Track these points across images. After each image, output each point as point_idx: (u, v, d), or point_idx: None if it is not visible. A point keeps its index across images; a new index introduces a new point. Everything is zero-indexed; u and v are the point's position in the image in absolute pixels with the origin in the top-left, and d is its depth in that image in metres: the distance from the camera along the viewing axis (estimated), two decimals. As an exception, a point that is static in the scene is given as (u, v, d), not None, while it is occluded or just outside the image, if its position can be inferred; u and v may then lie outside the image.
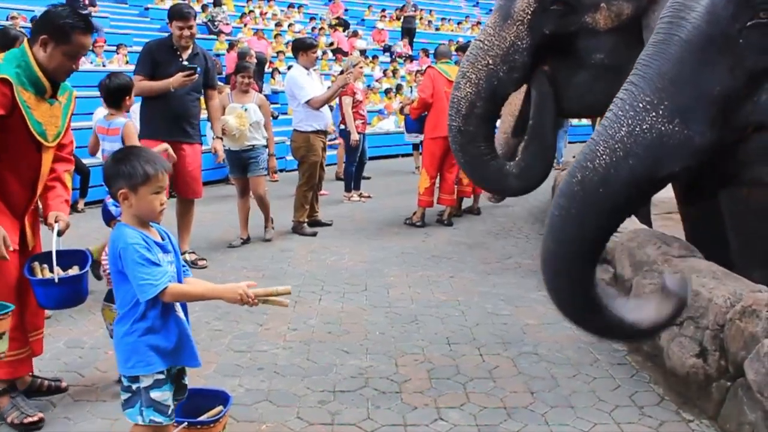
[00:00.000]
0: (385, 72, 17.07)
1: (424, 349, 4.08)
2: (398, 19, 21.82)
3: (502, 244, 6.86)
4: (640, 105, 1.95)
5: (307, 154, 7.07)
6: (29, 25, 12.61)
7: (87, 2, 14.14)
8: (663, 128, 1.92)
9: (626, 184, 1.94)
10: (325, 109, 7.36)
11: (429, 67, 8.34)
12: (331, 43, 18.28)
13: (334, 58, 16.96)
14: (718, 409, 3.11)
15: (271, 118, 7.16)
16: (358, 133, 8.75)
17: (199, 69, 5.58)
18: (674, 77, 1.94)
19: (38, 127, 3.12)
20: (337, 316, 4.64)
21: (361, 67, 8.77)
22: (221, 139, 6.12)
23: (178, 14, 5.65)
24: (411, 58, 18.53)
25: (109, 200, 3.53)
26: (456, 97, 3.03)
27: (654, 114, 1.93)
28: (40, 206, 3.46)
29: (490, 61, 2.98)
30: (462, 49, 9.35)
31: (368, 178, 10.38)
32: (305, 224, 7.12)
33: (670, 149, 1.92)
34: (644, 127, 1.93)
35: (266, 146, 6.65)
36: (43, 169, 3.27)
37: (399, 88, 15.75)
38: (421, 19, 22.07)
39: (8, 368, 3.14)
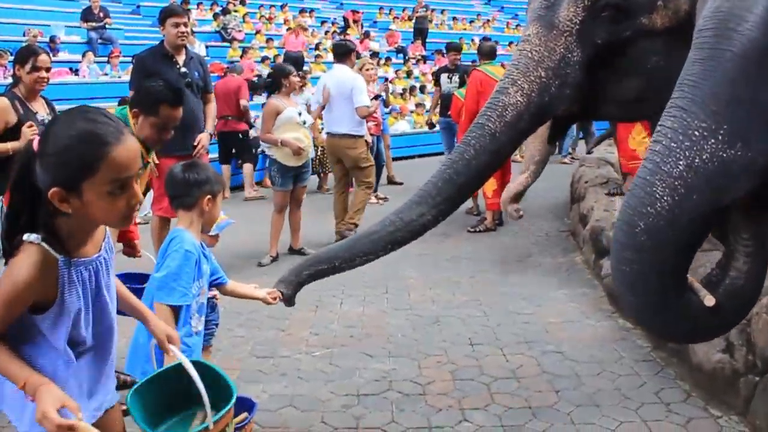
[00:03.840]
0: (396, 72, 17.04)
1: (446, 351, 4.07)
2: (410, 19, 21.82)
3: (521, 242, 6.82)
4: (696, 133, 1.75)
5: (368, 157, 7.04)
6: (47, 40, 12.79)
7: (102, 15, 14.23)
8: (725, 155, 1.72)
9: (694, 220, 1.77)
10: None
11: (474, 69, 7.62)
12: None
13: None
14: (747, 404, 3.07)
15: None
16: (371, 134, 8.75)
17: (196, 74, 5.50)
18: (731, 98, 1.74)
19: None
20: (358, 320, 4.64)
21: (367, 69, 8.81)
22: (212, 135, 5.87)
23: (171, 11, 5.48)
24: (425, 59, 18.50)
25: None
26: (501, 101, 2.65)
27: (713, 141, 1.73)
28: None
29: (543, 74, 2.65)
30: (454, 48, 9.30)
31: (400, 183, 10.28)
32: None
33: (735, 175, 1.73)
34: (704, 157, 1.73)
35: None
36: None
37: (413, 89, 15.74)
38: (431, 21, 22.02)
39: None
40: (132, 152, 1.56)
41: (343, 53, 7.02)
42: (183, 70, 5.39)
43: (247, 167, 9.95)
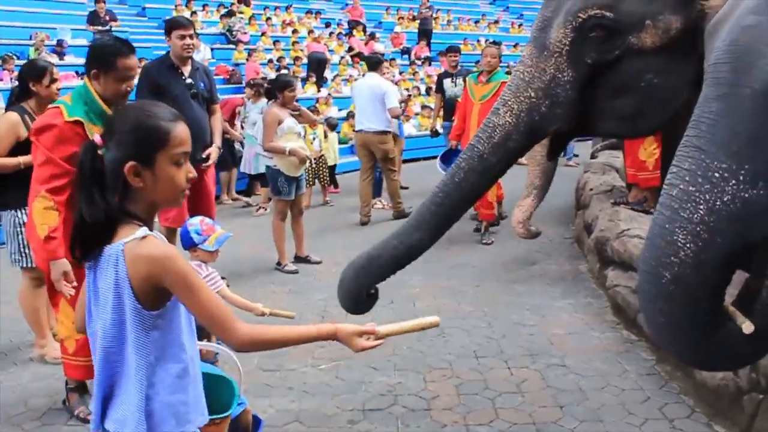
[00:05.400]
0: (400, 74, 17.06)
1: (451, 364, 4.10)
2: (414, 20, 21.81)
3: (525, 249, 6.82)
4: (717, 175, 1.70)
5: (393, 149, 8.35)
6: (53, 44, 12.84)
7: (108, 18, 14.28)
8: (747, 195, 1.67)
9: (721, 262, 1.73)
10: None
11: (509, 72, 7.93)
12: (350, 48, 18.34)
13: (351, 62, 17.02)
14: (751, 422, 3.09)
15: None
16: None
17: (202, 85, 5.53)
18: (752, 136, 1.67)
19: None
20: (363, 331, 4.66)
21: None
22: (220, 149, 6.00)
23: (177, 24, 5.50)
24: (429, 60, 18.51)
25: (191, 227, 3.59)
26: (492, 123, 2.76)
27: (734, 182, 1.68)
28: None
29: (532, 94, 2.73)
30: (453, 50, 9.32)
31: (406, 188, 10.24)
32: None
33: (759, 215, 1.69)
34: (725, 199, 1.68)
35: None
36: None
37: (417, 90, 15.73)
38: (437, 19, 22.00)
39: (81, 371, 3.50)
40: (186, 130, 1.80)
41: (375, 63, 8.46)
42: (189, 81, 5.42)
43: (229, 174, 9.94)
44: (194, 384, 1.81)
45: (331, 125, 10.11)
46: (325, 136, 10.00)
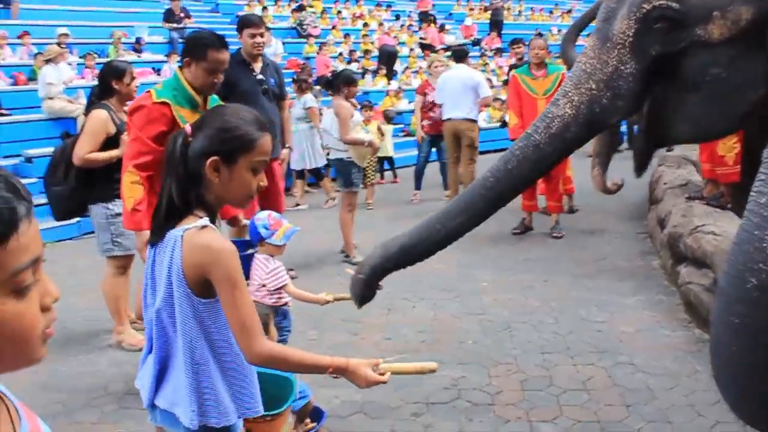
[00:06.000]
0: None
1: (517, 359, 4.08)
2: (486, 11, 21.62)
3: (596, 243, 6.72)
4: None
5: (478, 137, 8.62)
6: (131, 41, 13.29)
7: (183, 15, 14.69)
8: None
9: None
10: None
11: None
12: (423, 38, 18.33)
13: (422, 54, 17.00)
14: (828, 427, 2.97)
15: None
16: (425, 133, 9.15)
17: (272, 81, 5.64)
18: None
19: None
20: (430, 325, 4.70)
21: (436, 66, 9.28)
22: (291, 149, 6.18)
23: (248, 22, 5.63)
24: (500, 51, 18.31)
25: (259, 221, 3.70)
26: (551, 113, 2.70)
27: None
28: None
29: (594, 86, 2.66)
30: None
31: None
32: None
33: None
34: None
35: None
36: None
37: (490, 82, 15.58)
38: (508, 9, 21.75)
39: None
40: (270, 142, 1.88)
41: (462, 55, 8.83)
42: (259, 77, 5.57)
43: None
44: (242, 377, 1.87)
45: (388, 118, 10.14)
46: (380, 132, 9.75)
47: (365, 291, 2.77)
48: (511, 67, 9.60)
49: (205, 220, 1.78)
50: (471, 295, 5.28)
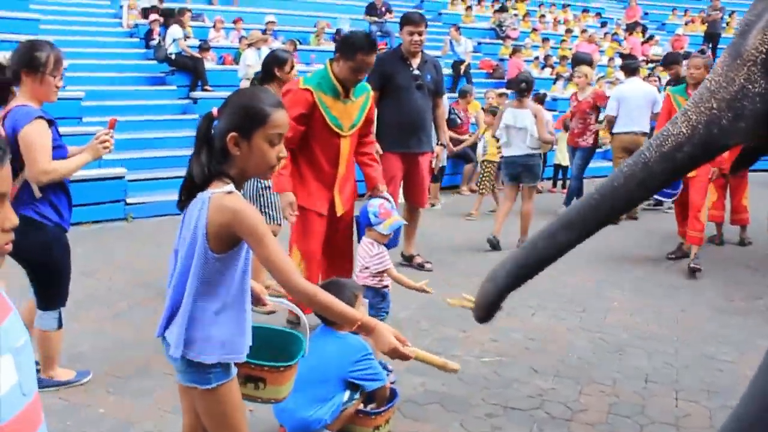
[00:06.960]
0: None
1: (615, 382, 3.94)
2: (703, 23, 20.26)
3: (758, 281, 6.19)
4: None
5: None
6: (333, 31, 14.04)
7: (384, 9, 15.28)
8: None
9: None
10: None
11: None
12: (623, 48, 17.62)
13: (619, 65, 16.33)
14: None
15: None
16: (574, 147, 9.15)
17: (429, 77, 5.77)
18: None
19: (334, 120, 4.21)
20: (541, 334, 4.64)
21: (579, 77, 9.36)
22: (444, 146, 6.43)
23: (409, 20, 5.82)
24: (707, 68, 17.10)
25: (371, 207, 3.96)
26: (667, 131, 2.50)
27: None
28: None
29: (715, 105, 2.45)
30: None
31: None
32: None
33: None
34: None
35: None
36: (343, 151, 4.31)
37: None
38: (729, 23, 20.21)
39: None
40: (285, 117, 2.08)
41: (634, 69, 8.85)
42: (416, 72, 5.76)
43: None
44: (232, 323, 2.06)
45: (567, 126, 9.94)
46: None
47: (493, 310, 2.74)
48: (668, 83, 9.11)
49: (231, 186, 2.01)
50: (596, 312, 5.12)
